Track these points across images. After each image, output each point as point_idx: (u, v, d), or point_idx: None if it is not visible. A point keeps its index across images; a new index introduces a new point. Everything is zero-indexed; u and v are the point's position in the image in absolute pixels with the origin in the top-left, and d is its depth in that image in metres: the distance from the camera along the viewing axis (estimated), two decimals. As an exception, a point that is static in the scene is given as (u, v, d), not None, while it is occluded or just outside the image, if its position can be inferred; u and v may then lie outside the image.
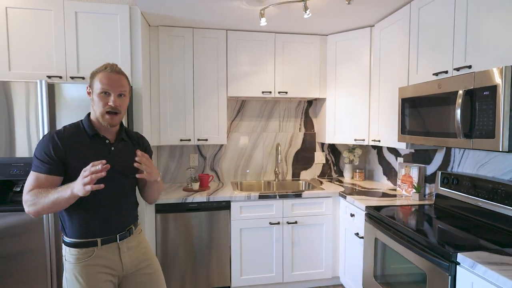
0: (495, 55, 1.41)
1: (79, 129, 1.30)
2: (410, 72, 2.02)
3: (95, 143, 1.29)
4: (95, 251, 1.25)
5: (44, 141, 1.23)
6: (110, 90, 1.25)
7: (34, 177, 1.20)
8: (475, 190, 1.77)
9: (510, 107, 1.31)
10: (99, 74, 1.26)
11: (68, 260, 1.25)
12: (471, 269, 1.24)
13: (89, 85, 1.30)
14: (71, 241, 1.25)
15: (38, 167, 1.20)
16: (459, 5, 1.62)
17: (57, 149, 1.21)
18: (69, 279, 1.24)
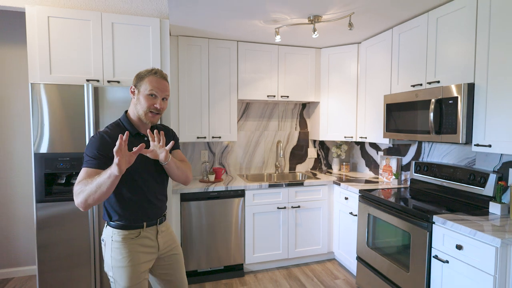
0: (457, 73, 1.97)
1: (121, 128, 1.42)
2: (392, 83, 2.56)
3: (137, 141, 1.41)
4: (140, 233, 1.40)
5: (95, 140, 1.33)
6: (157, 93, 1.38)
7: (84, 172, 1.28)
8: (440, 174, 2.35)
9: (467, 112, 1.86)
10: (149, 77, 1.39)
11: (115, 240, 1.37)
12: (442, 225, 1.76)
13: (134, 85, 1.42)
14: (120, 224, 1.37)
15: (88, 163, 1.29)
16: (430, 34, 2.17)
17: (107, 147, 1.30)
18: (114, 257, 1.36)
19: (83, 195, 1.20)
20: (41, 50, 2.19)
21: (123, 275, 1.35)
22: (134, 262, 1.37)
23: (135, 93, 1.42)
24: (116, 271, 1.36)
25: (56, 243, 2.16)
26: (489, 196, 1.97)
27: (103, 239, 1.43)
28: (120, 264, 1.36)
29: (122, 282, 1.35)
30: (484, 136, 1.81)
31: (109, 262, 1.38)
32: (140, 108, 1.40)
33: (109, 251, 1.38)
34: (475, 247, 1.58)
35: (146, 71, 1.43)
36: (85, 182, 1.22)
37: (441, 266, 1.78)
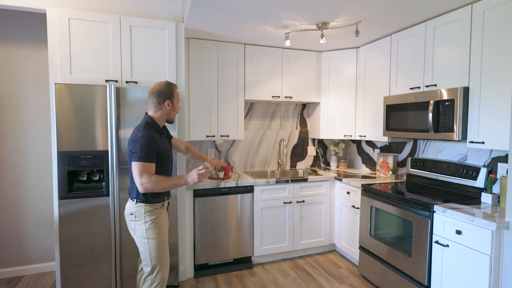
0: (453, 78, 2.19)
1: (153, 129, 1.84)
2: (391, 85, 2.78)
3: (164, 137, 1.92)
4: (163, 205, 1.91)
5: (150, 142, 1.75)
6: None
7: (146, 166, 1.71)
8: (435, 169, 2.58)
9: (462, 113, 2.09)
10: (175, 91, 1.93)
11: (148, 210, 1.81)
12: (442, 213, 1.98)
13: (169, 99, 1.88)
14: (151, 199, 1.82)
15: (149, 158, 1.72)
16: (427, 42, 2.39)
17: (156, 145, 1.78)
18: (148, 221, 1.80)
19: (153, 187, 1.70)
20: (62, 51, 2.24)
21: (158, 233, 1.82)
22: (162, 224, 1.87)
23: (170, 105, 1.90)
24: (152, 232, 1.81)
25: (77, 238, 2.22)
26: (480, 188, 2.21)
27: (131, 213, 1.83)
28: (155, 225, 1.82)
29: (157, 237, 1.81)
30: (478, 134, 2.04)
31: (142, 227, 1.80)
32: (173, 114, 1.96)
33: (142, 219, 1.80)
34: (473, 231, 1.80)
35: (170, 86, 1.90)
36: (157, 179, 1.72)
37: (441, 250, 1.99)
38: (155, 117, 1.89)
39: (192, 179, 1.75)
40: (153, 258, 1.81)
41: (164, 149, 1.86)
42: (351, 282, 2.68)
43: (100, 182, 2.31)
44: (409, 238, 2.23)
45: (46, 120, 2.78)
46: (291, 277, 2.76)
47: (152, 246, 1.81)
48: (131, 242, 2.35)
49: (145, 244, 1.81)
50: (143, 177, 1.69)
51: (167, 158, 1.90)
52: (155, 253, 1.81)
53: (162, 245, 1.84)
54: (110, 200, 2.28)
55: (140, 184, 1.69)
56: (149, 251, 1.81)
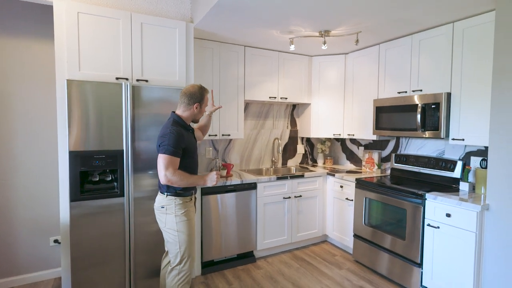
0: (436, 84, 2.56)
1: (181, 126, 1.94)
2: (380, 89, 3.11)
3: (189, 133, 2.01)
4: (191, 199, 2.02)
5: (177, 137, 1.85)
6: None
7: (172, 159, 1.82)
8: (417, 163, 2.96)
9: (446, 115, 2.46)
10: (206, 96, 2.05)
11: (177, 203, 1.92)
12: (433, 200, 2.32)
13: (199, 103, 2.00)
14: (180, 192, 1.93)
15: (175, 153, 1.83)
16: (413, 52, 2.75)
17: (183, 140, 1.88)
18: (179, 214, 1.91)
19: (176, 181, 1.82)
20: (70, 47, 2.15)
21: (187, 226, 1.93)
22: (191, 217, 1.98)
23: (198, 108, 2.01)
24: (182, 224, 1.91)
25: (89, 240, 2.16)
26: (457, 178, 2.61)
27: (162, 206, 1.93)
28: (184, 219, 1.92)
29: (187, 230, 1.92)
30: (458, 132, 2.42)
31: (173, 220, 1.90)
32: (199, 116, 2.07)
33: (172, 212, 1.91)
34: (461, 213, 2.15)
35: (200, 90, 2.01)
36: (181, 174, 1.84)
37: (432, 231, 2.33)
38: (183, 116, 2.00)
39: (211, 181, 1.93)
40: (182, 250, 1.91)
41: (190, 145, 1.97)
42: (348, 267, 2.95)
43: (112, 183, 2.27)
44: (402, 224, 2.55)
45: (43, 118, 2.61)
46: (294, 267, 2.95)
47: (182, 239, 1.91)
48: (145, 243, 2.34)
49: (175, 237, 1.91)
50: (168, 170, 1.80)
51: (192, 153, 2.00)
52: (185, 245, 1.92)
53: (191, 238, 1.95)
54: (125, 200, 2.25)
55: (164, 175, 1.80)
56: (179, 243, 1.91)
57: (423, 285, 2.42)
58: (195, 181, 1.90)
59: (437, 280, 2.31)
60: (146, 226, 2.34)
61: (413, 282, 2.47)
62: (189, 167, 1.95)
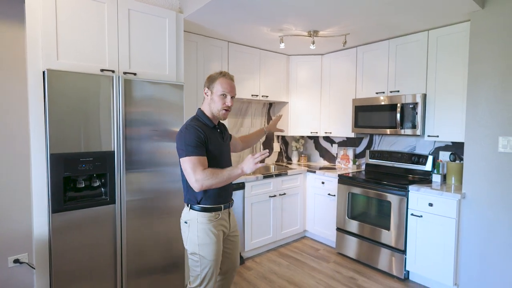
0: (413, 86, 2.81)
1: (202, 123, 1.65)
2: (357, 89, 3.30)
3: (214, 132, 1.67)
4: (220, 214, 1.64)
5: (192, 132, 1.55)
6: (228, 93, 1.63)
7: (197, 160, 1.51)
8: (391, 158, 3.22)
9: (422, 114, 2.72)
10: (220, 79, 1.63)
11: (200, 222, 1.59)
12: (416, 191, 2.54)
13: (207, 87, 1.66)
14: (205, 207, 1.60)
15: (197, 152, 1.52)
16: (390, 55, 2.97)
17: (203, 137, 1.56)
18: (201, 236, 1.59)
19: (211, 182, 1.48)
20: (46, 31, 1.82)
21: (210, 251, 1.59)
22: (216, 239, 1.61)
23: (209, 94, 1.65)
24: (203, 247, 1.59)
25: (74, 256, 1.86)
26: (429, 171, 2.91)
27: (185, 221, 1.63)
28: (207, 241, 1.59)
29: (208, 256, 1.59)
30: (433, 129, 2.69)
31: (195, 241, 1.59)
32: (215, 107, 1.65)
33: (195, 231, 1.59)
34: (442, 202, 2.40)
35: (216, 74, 1.66)
36: (212, 172, 1.49)
37: (416, 220, 2.56)
38: (203, 109, 1.69)
39: (248, 168, 1.48)
40: (202, 275, 1.61)
41: (213, 145, 1.61)
42: (334, 260, 3.08)
43: (99, 189, 1.99)
44: (387, 215, 2.75)
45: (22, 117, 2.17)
46: (284, 265, 2.96)
47: (204, 263, 1.59)
48: (140, 255, 2.11)
49: (195, 258, 1.61)
50: (197, 173, 1.47)
51: (216, 157, 1.63)
52: (207, 270, 1.60)
53: (213, 263, 1.61)
54: (116, 208, 1.99)
55: (195, 181, 1.48)
56: (201, 266, 1.60)
57: (407, 269, 2.65)
58: (230, 174, 1.50)
59: (419, 263, 2.55)
60: (141, 237, 2.11)
61: (397, 267, 2.68)
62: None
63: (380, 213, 2.82)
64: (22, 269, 2.32)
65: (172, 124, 2.25)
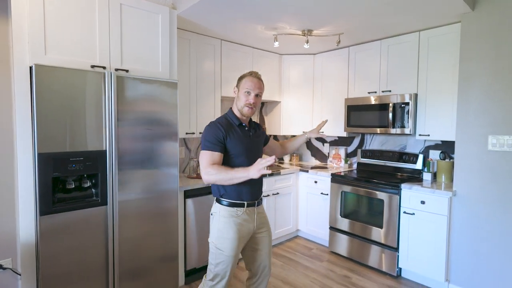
0: (404, 86, 2.85)
1: (228, 120, 1.71)
2: (350, 89, 3.32)
3: (240, 130, 1.70)
4: (242, 211, 1.66)
5: (212, 129, 1.63)
6: (251, 90, 1.67)
7: (209, 154, 1.58)
8: (382, 157, 3.26)
9: (413, 113, 2.76)
10: (246, 78, 1.71)
11: (222, 215, 1.64)
12: (409, 189, 2.58)
13: (236, 86, 1.75)
14: (228, 202, 1.65)
15: (213, 147, 1.59)
16: (382, 56, 3.01)
17: (222, 133, 1.61)
18: (221, 229, 1.62)
19: (214, 177, 1.54)
20: (33, 25, 1.74)
21: (227, 245, 1.61)
22: (237, 236, 1.62)
23: (236, 92, 1.74)
24: (222, 241, 1.61)
25: (63, 260, 1.78)
26: (419, 169, 2.97)
27: (212, 213, 1.70)
28: (226, 236, 1.61)
29: (225, 250, 1.61)
30: (424, 129, 2.74)
31: (215, 233, 1.64)
32: (239, 103, 1.71)
33: (216, 224, 1.65)
34: (434, 200, 2.44)
35: (245, 73, 1.74)
36: (219, 168, 1.54)
37: (408, 218, 2.60)
38: (233, 107, 1.76)
39: (253, 173, 1.47)
40: (216, 267, 1.62)
41: (237, 143, 1.63)
42: (328, 258, 3.09)
43: (90, 189, 1.91)
44: (380, 213, 2.77)
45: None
46: (278, 264, 2.95)
47: (220, 258, 1.60)
48: (133, 258, 2.04)
49: (213, 250, 1.63)
50: (203, 167, 1.57)
51: (241, 152, 1.64)
52: (221, 265, 1.61)
53: (228, 260, 1.60)
54: (108, 210, 1.92)
55: (203, 173, 1.57)
56: (215, 259, 1.62)
57: (399, 267, 2.68)
58: (235, 175, 1.50)
59: (412, 261, 2.59)
60: (134, 239, 2.05)
61: (390, 265, 2.71)
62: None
63: (372, 212, 2.84)
64: (6, 275, 2.19)
65: (166, 122, 2.19)
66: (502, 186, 2.19)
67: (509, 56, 2.13)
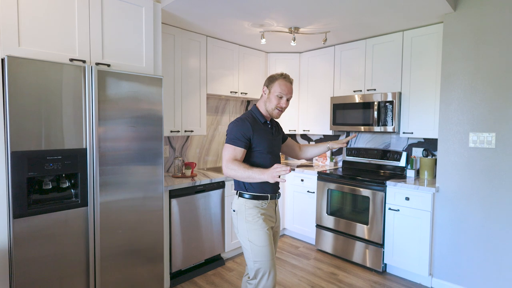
0: (389, 84, 2.90)
1: (254, 117, 1.73)
2: (335, 87, 3.34)
3: (265, 128, 1.73)
4: (266, 204, 1.69)
5: (240, 125, 1.65)
6: (284, 95, 1.71)
7: (233, 149, 1.60)
8: (367, 155, 3.31)
9: (397, 112, 2.81)
10: (279, 81, 1.72)
11: (248, 207, 1.65)
12: (393, 186, 2.62)
13: (267, 86, 1.74)
14: (251, 195, 1.66)
15: (237, 142, 1.60)
16: (367, 55, 3.05)
17: (249, 130, 1.63)
18: (250, 220, 1.63)
19: (234, 173, 1.55)
20: (5, 14, 1.62)
21: (260, 235, 1.60)
22: (265, 225, 1.64)
23: (267, 93, 1.73)
24: (253, 233, 1.61)
25: (40, 265, 1.67)
26: (403, 167, 3.03)
27: (234, 209, 1.71)
28: (256, 227, 1.62)
29: (259, 242, 1.60)
30: (408, 127, 2.80)
31: (244, 227, 1.64)
32: (270, 106, 1.72)
33: (243, 218, 1.65)
34: (418, 196, 2.49)
35: (277, 75, 1.74)
36: (239, 164, 1.54)
37: (393, 214, 2.64)
38: (258, 106, 1.78)
39: (268, 177, 1.45)
40: (255, 262, 1.61)
41: (260, 140, 1.66)
42: (315, 256, 3.09)
43: (69, 190, 1.81)
44: (365, 210, 2.81)
45: None
46: (266, 264, 2.92)
47: (256, 251, 1.60)
48: (116, 262, 1.95)
49: (247, 246, 1.63)
50: (225, 160, 1.58)
51: (265, 148, 1.67)
52: (260, 258, 1.60)
53: (267, 250, 1.60)
54: (89, 211, 1.82)
55: (224, 167, 1.59)
56: (251, 254, 1.61)
57: (384, 262, 2.72)
58: (252, 175, 1.50)
59: (397, 256, 2.63)
60: (117, 242, 1.95)
61: (375, 261, 2.75)
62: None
63: (358, 209, 2.87)
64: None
65: (151, 120, 2.11)
66: (481, 182, 2.26)
67: (489, 56, 2.20)
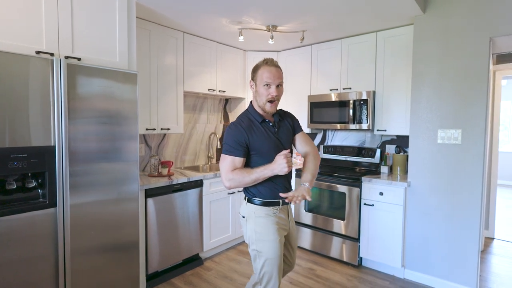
0: (363, 83, 2.99)
1: (249, 118, 1.56)
2: (312, 86, 3.40)
3: (264, 127, 1.55)
4: (278, 210, 1.55)
5: (233, 131, 1.50)
6: (271, 82, 1.49)
7: (230, 160, 1.47)
8: (343, 152, 3.39)
9: (372, 110, 2.90)
10: (261, 69, 1.52)
11: (258, 216, 1.52)
12: (368, 182, 2.70)
13: (252, 79, 1.56)
14: (262, 201, 1.52)
15: (234, 152, 1.47)
16: (343, 54, 3.12)
17: (243, 136, 1.48)
18: (259, 231, 1.50)
19: (237, 183, 1.45)
20: (-38, -1, 1.50)
21: (269, 247, 1.49)
22: (276, 236, 1.51)
23: (253, 86, 1.57)
24: (262, 244, 1.50)
25: (2, 274, 1.56)
26: (377, 163, 3.13)
27: (243, 215, 1.59)
28: (266, 238, 1.50)
29: (268, 253, 1.49)
30: (381, 124, 2.90)
31: (252, 236, 1.52)
32: (260, 100, 1.54)
33: (252, 226, 1.52)
34: (391, 191, 2.59)
35: (259, 62, 1.55)
36: (240, 172, 1.44)
37: (368, 209, 2.72)
38: (253, 103, 1.60)
39: (280, 169, 1.38)
40: (262, 274, 1.52)
41: (261, 142, 1.50)
42: (293, 253, 3.12)
43: (36, 190, 1.71)
44: (342, 206, 2.87)
45: None
46: (244, 262, 2.91)
47: (262, 261, 1.50)
48: (88, 268, 1.86)
49: (255, 255, 1.53)
50: (223, 173, 1.47)
51: (265, 153, 1.51)
52: (266, 268, 1.50)
53: (275, 261, 1.50)
54: (58, 212, 1.72)
55: (224, 180, 1.47)
56: (259, 264, 1.51)
57: (360, 256, 2.80)
58: (259, 176, 1.42)
59: (371, 249, 2.72)
60: (89, 243, 1.86)
61: (351, 255, 2.82)
62: (273, 179, 1.51)
63: (335, 205, 2.94)
64: None
65: (125, 117, 2.04)
66: (449, 176, 2.38)
67: (455, 56, 2.33)
